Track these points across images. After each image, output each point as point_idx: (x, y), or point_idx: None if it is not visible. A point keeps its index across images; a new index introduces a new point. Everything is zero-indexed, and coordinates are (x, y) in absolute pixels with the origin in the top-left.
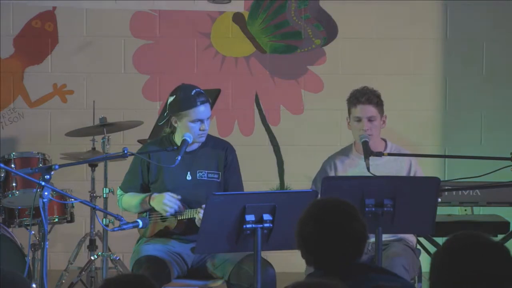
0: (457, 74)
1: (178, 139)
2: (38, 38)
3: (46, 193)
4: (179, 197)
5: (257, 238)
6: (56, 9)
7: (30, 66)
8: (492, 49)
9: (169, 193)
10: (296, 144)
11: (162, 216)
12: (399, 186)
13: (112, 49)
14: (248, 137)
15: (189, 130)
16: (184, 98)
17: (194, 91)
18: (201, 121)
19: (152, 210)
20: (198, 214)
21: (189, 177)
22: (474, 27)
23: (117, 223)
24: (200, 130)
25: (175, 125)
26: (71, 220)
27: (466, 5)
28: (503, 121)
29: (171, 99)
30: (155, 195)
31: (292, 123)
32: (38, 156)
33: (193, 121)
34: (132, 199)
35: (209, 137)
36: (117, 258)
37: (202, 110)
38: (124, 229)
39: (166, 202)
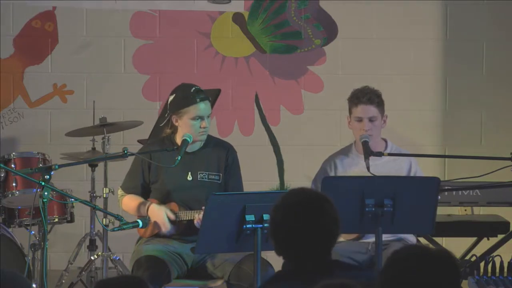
0: (457, 74)
1: (179, 139)
2: (38, 38)
3: (46, 193)
4: (173, 216)
5: (257, 238)
6: (56, 9)
7: (30, 66)
8: (492, 49)
9: (166, 215)
10: (296, 144)
11: None
12: (399, 186)
13: (112, 49)
14: (248, 137)
15: (190, 128)
16: (184, 96)
17: (194, 88)
18: (202, 118)
19: None
20: (198, 215)
21: (190, 178)
22: (474, 27)
23: (117, 223)
24: (201, 127)
25: (176, 124)
26: (71, 220)
27: (466, 5)
28: (503, 121)
29: (171, 98)
30: (154, 208)
31: (292, 123)
32: (38, 156)
33: (194, 118)
34: (131, 202)
35: (210, 138)
36: (117, 258)
37: (202, 107)
38: (124, 229)
39: (158, 228)
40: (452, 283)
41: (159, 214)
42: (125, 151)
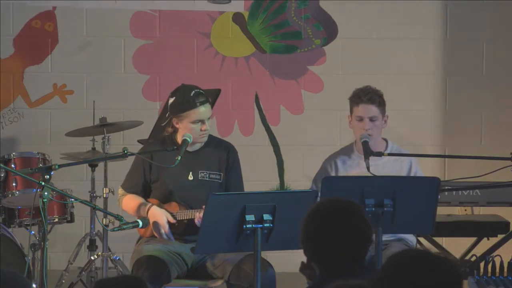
0: (457, 74)
1: (180, 139)
2: (38, 38)
3: (46, 193)
4: (173, 220)
5: (257, 238)
6: (56, 9)
7: (30, 66)
8: (492, 49)
9: (167, 218)
10: (296, 144)
11: None
12: (399, 186)
13: (112, 49)
14: (248, 137)
15: (191, 131)
16: (184, 100)
17: (194, 92)
18: (202, 121)
19: None
20: (199, 214)
21: (191, 177)
22: (474, 27)
23: (117, 223)
24: (201, 130)
25: (177, 126)
26: (71, 220)
27: (466, 5)
28: (503, 121)
29: (171, 100)
30: (155, 210)
31: (292, 123)
32: (38, 156)
33: (194, 122)
34: (131, 202)
35: (211, 137)
36: (117, 258)
37: (202, 110)
38: (124, 229)
39: (157, 230)
40: None
41: (161, 216)
42: (125, 151)
